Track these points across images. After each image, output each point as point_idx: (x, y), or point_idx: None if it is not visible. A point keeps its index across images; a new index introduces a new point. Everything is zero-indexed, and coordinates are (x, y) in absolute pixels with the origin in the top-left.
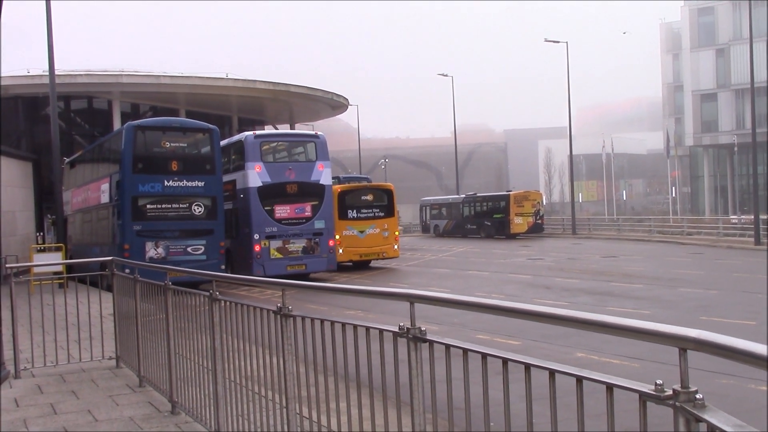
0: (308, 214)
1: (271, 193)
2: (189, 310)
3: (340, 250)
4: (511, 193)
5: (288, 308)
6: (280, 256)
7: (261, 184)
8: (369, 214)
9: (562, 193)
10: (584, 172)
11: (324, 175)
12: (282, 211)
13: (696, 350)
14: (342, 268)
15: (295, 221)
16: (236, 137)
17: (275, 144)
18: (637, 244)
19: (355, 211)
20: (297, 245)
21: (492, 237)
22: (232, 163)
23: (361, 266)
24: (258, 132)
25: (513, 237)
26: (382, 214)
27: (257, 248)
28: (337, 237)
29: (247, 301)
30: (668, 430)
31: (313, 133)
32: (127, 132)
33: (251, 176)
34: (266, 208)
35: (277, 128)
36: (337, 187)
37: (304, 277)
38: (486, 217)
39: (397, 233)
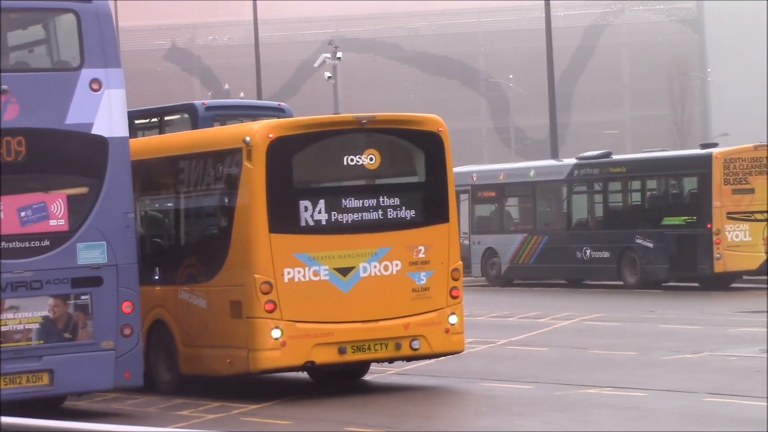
0: (59, 223)
1: None
2: None
3: (275, 333)
4: (714, 152)
5: None
6: None
7: None
8: (369, 217)
9: None
10: None
11: (105, 108)
12: None
13: None
14: (275, 383)
15: (18, 247)
16: None
17: None
18: None
19: (321, 205)
20: (26, 316)
21: (660, 283)
22: None
23: (339, 375)
24: None
25: (723, 283)
26: (411, 213)
27: None
28: (264, 284)
29: None
30: None
31: None
32: None
33: None
34: None
35: None
36: (268, 128)
37: (47, 406)
38: (640, 225)
39: (458, 271)
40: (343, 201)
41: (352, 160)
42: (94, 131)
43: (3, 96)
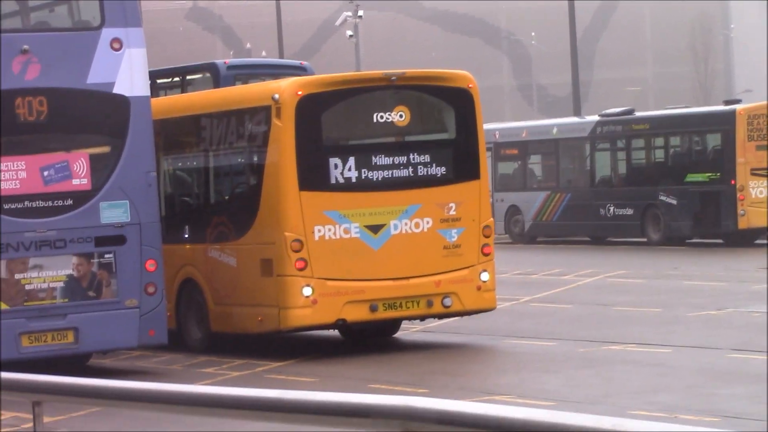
0: (82, 182)
1: None
2: None
3: (306, 291)
4: (737, 108)
5: None
6: (6, 306)
7: None
8: (400, 175)
9: None
10: None
11: (126, 67)
12: (8, 175)
13: None
14: (302, 340)
15: (42, 207)
16: None
17: None
18: None
19: (351, 162)
20: (50, 275)
21: (684, 240)
22: None
23: (369, 333)
24: None
25: (747, 240)
26: (442, 170)
27: None
28: (294, 242)
29: None
30: None
31: None
32: None
33: None
34: None
35: None
36: (297, 85)
37: (70, 363)
38: (663, 182)
39: (489, 229)
40: (373, 158)
41: (381, 117)
42: (116, 90)
43: (24, 56)
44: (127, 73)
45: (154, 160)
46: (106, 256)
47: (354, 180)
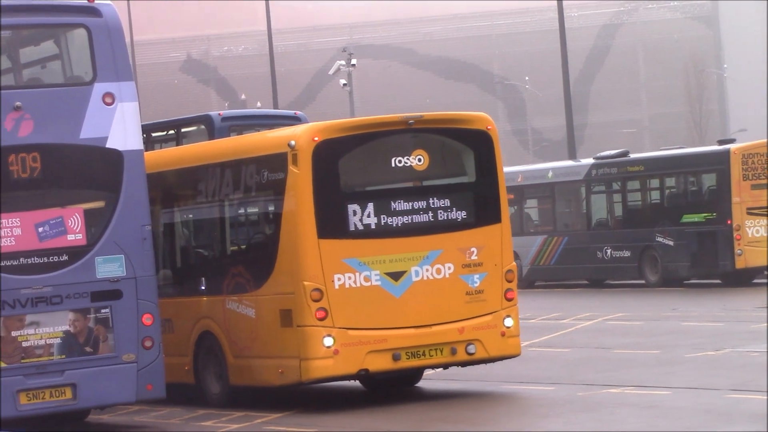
0: (77, 237)
1: None
2: None
3: (327, 341)
4: (732, 148)
5: None
6: (3, 364)
7: None
8: (420, 220)
9: None
10: None
11: (119, 121)
12: (3, 232)
13: None
14: (327, 391)
15: (37, 263)
16: None
17: None
18: None
19: (370, 208)
20: (47, 331)
21: (682, 281)
22: None
23: (392, 381)
24: None
25: (744, 279)
26: (462, 214)
27: None
28: (314, 291)
29: None
30: None
31: (83, 2)
32: None
33: None
34: None
35: None
36: (314, 131)
37: (71, 420)
38: (660, 223)
39: (512, 274)
40: (392, 204)
41: (399, 161)
42: (109, 145)
43: (17, 112)
44: (119, 127)
45: (148, 213)
46: (103, 311)
47: (373, 226)
